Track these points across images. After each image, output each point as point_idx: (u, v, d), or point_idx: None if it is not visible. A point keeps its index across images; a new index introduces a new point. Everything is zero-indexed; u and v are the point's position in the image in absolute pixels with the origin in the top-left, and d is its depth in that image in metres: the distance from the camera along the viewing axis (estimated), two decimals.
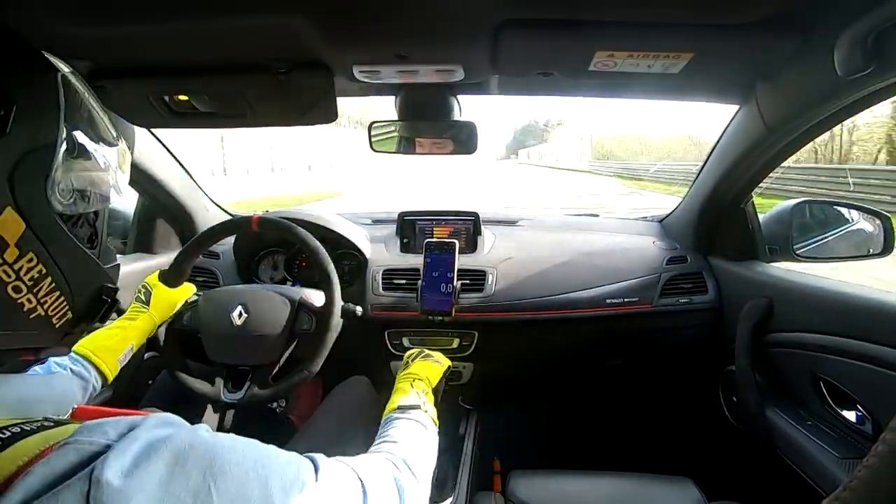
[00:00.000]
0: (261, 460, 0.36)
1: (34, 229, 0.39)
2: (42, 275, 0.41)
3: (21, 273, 0.39)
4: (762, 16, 0.64)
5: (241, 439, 0.38)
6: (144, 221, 1.38)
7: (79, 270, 0.46)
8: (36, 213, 0.39)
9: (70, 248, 0.44)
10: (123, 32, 0.69)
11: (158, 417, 0.35)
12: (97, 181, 0.46)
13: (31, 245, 0.39)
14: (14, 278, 0.38)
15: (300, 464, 0.40)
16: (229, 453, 0.34)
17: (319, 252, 0.90)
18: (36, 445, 0.29)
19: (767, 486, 1.16)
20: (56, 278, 0.42)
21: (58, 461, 0.28)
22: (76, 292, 0.46)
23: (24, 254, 0.39)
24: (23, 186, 0.38)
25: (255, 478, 0.35)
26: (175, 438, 0.33)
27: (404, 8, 0.63)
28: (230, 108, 0.91)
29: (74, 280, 0.45)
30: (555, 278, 1.30)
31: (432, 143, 1.06)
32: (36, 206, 0.39)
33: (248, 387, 0.91)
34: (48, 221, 0.41)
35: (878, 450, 0.31)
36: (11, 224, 0.37)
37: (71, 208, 0.43)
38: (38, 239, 0.40)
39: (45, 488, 0.26)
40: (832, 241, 1.23)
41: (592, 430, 1.72)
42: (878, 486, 0.31)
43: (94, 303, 0.49)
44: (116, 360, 0.76)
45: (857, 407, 0.91)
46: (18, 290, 0.39)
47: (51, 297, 0.42)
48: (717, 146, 1.19)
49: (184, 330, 0.94)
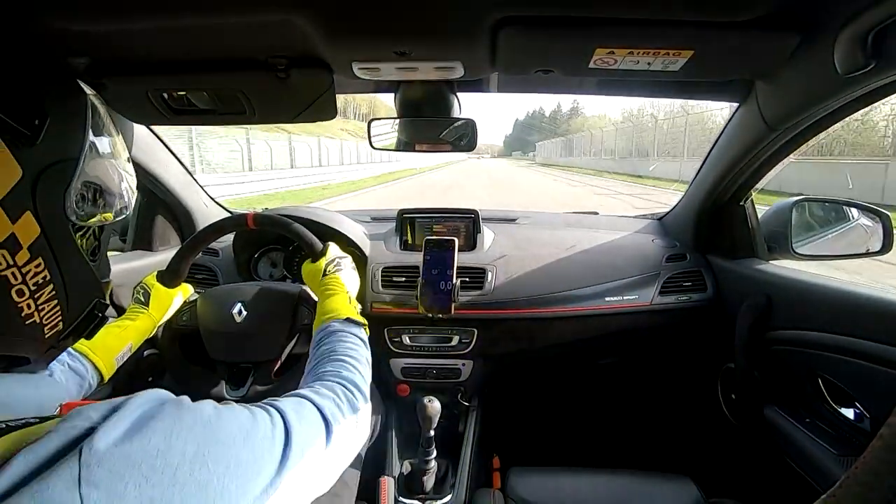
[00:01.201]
0: (244, 425, 0.39)
1: (47, 236, 0.41)
2: (45, 281, 0.42)
3: (27, 277, 0.40)
4: (762, 13, 0.64)
5: (221, 406, 0.40)
6: (144, 219, 1.37)
7: (78, 281, 0.47)
8: (51, 221, 0.41)
9: (75, 259, 0.46)
10: (123, 29, 0.68)
11: (145, 394, 0.36)
12: (109, 195, 0.49)
13: (42, 251, 0.41)
14: (20, 281, 0.40)
15: (275, 420, 0.43)
16: (217, 421, 0.37)
17: (316, 246, 0.90)
18: (21, 439, 0.29)
19: (766, 484, 1.17)
20: (57, 287, 0.44)
21: (41, 448, 0.28)
22: (72, 303, 0.47)
23: (33, 258, 0.40)
24: (44, 195, 0.40)
25: (242, 440, 0.38)
26: (167, 409, 0.34)
27: (404, 5, 0.63)
28: (229, 105, 0.90)
29: (73, 291, 0.46)
30: (554, 276, 1.30)
31: (431, 140, 1.06)
32: (53, 214, 0.41)
33: (250, 384, 0.91)
34: (61, 230, 0.43)
35: (875, 446, 0.31)
36: (28, 228, 0.39)
37: (83, 220, 0.45)
38: (49, 246, 0.42)
39: (31, 474, 0.26)
40: (831, 238, 1.23)
41: (592, 428, 1.73)
42: (874, 482, 0.31)
43: (84, 316, 0.50)
44: (114, 359, 0.75)
45: (855, 404, 0.91)
46: (21, 293, 0.40)
47: (48, 304, 0.43)
48: (717, 144, 1.19)
49: (184, 329, 0.94)
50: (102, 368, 0.72)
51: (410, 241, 1.42)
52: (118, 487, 0.28)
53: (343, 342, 0.68)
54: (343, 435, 0.52)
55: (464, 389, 1.34)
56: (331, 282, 0.84)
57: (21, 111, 0.38)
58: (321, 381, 0.58)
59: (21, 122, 0.37)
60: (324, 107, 0.89)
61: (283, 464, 0.41)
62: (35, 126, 0.39)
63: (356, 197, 13.79)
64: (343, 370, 0.61)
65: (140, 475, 0.29)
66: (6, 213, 0.37)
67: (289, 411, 0.46)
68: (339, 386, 0.57)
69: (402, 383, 1.34)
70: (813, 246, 1.21)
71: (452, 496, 1.13)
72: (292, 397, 0.51)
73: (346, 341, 0.69)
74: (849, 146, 14.04)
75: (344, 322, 0.74)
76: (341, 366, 0.62)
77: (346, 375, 0.60)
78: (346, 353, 0.65)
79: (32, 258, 0.40)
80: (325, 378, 0.59)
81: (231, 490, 0.34)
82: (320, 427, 0.49)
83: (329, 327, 0.72)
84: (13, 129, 0.37)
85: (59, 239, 0.43)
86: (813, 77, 0.78)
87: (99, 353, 0.72)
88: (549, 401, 1.80)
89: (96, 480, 0.28)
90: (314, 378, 0.60)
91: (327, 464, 0.49)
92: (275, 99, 0.89)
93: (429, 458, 1.11)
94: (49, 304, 0.43)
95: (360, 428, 0.57)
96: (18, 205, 0.38)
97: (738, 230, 1.27)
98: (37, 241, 0.40)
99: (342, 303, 0.79)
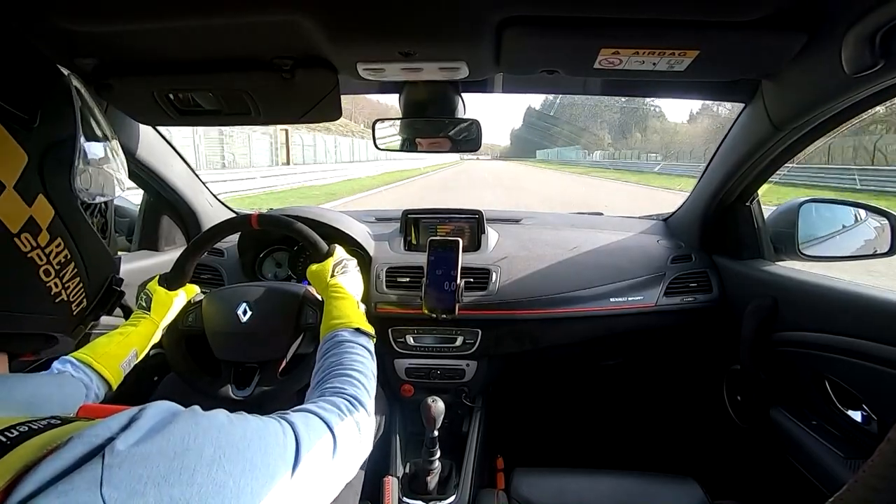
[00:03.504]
0: (258, 431, 0.40)
1: (61, 216, 0.42)
2: (67, 259, 0.44)
3: (51, 257, 0.42)
4: (769, 13, 0.64)
5: (233, 415, 0.41)
6: (149, 219, 1.38)
7: (95, 258, 0.49)
8: (63, 201, 0.42)
9: (89, 236, 0.47)
10: (129, 30, 0.69)
11: (159, 404, 0.37)
12: (108, 173, 0.50)
13: (59, 231, 0.42)
14: (45, 262, 0.41)
15: (286, 430, 0.44)
16: (231, 427, 0.38)
17: (319, 245, 0.91)
18: (44, 444, 0.29)
19: (771, 486, 1.16)
20: (78, 264, 0.45)
21: (67, 454, 0.29)
22: (92, 279, 0.49)
23: (53, 239, 0.42)
24: (51, 175, 0.41)
25: (257, 447, 0.39)
26: (181, 417, 0.35)
27: (409, 6, 0.63)
28: (235, 106, 0.91)
29: (91, 267, 0.48)
30: (558, 276, 1.30)
31: (436, 140, 1.06)
32: (62, 193, 0.42)
33: (256, 384, 0.92)
34: (72, 209, 0.44)
35: (883, 449, 0.31)
36: (43, 210, 0.40)
37: (90, 197, 0.47)
38: (65, 225, 0.43)
39: (55, 478, 0.27)
40: (838, 240, 1.22)
41: (596, 429, 1.72)
42: (882, 486, 0.30)
43: (104, 292, 0.52)
44: (119, 366, 0.75)
45: (862, 406, 0.90)
46: (48, 273, 0.42)
47: (73, 282, 0.45)
48: (723, 144, 1.19)
49: (189, 331, 0.95)
50: (109, 377, 0.72)
51: (415, 242, 1.43)
52: (138, 488, 0.29)
53: (350, 354, 0.69)
54: (348, 447, 0.53)
55: (468, 390, 1.34)
56: (337, 284, 0.84)
57: (16, 95, 0.38)
58: (327, 396, 0.59)
59: (18, 106, 0.38)
60: (328, 107, 0.90)
61: (295, 470, 0.42)
62: (31, 109, 0.39)
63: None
64: (349, 387, 0.62)
65: (159, 476, 0.30)
66: (22, 197, 0.38)
67: (298, 422, 0.47)
68: (344, 402, 0.58)
69: (406, 384, 1.34)
70: (820, 247, 1.20)
71: (456, 496, 1.13)
72: (300, 411, 0.52)
73: (354, 353, 0.69)
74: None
75: (353, 333, 0.74)
76: (347, 381, 0.63)
77: (352, 392, 0.61)
78: (353, 367, 0.66)
79: (52, 239, 0.41)
80: (332, 394, 0.60)
81: (246, 492, 0.35)
82: (328, 438, 0.50)
83: (337, 336, 0.72)
84: (11, 114, 0.37)
85: (73, 218, 0.44)
86: (820, 77, 0.78)
87: (103, 362, 0.72)
88: (553, 401, 1.79)
89: (117, 481, 0.28)
90: (320, 393, 0.61)
91: (333, 474, 0.50)
92: (280, 99, 0.89)
93: (433, 459, 1.11)
94: (73, 281, 0.45)
95: (364, 442, 0.58)
96: (31, 188, 0.39)
97: (744, 231, 1.26)
98: (53, 221, 0.41)
99: (351, 309, 0.79)
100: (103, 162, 0.49)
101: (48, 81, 0.44)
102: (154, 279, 0.92)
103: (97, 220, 0.50)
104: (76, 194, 0.44)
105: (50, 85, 0.44)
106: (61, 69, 0.46)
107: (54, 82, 0.45)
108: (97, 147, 0.48)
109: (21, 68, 0.41)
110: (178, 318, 0.93)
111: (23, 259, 0.39)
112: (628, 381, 1.72)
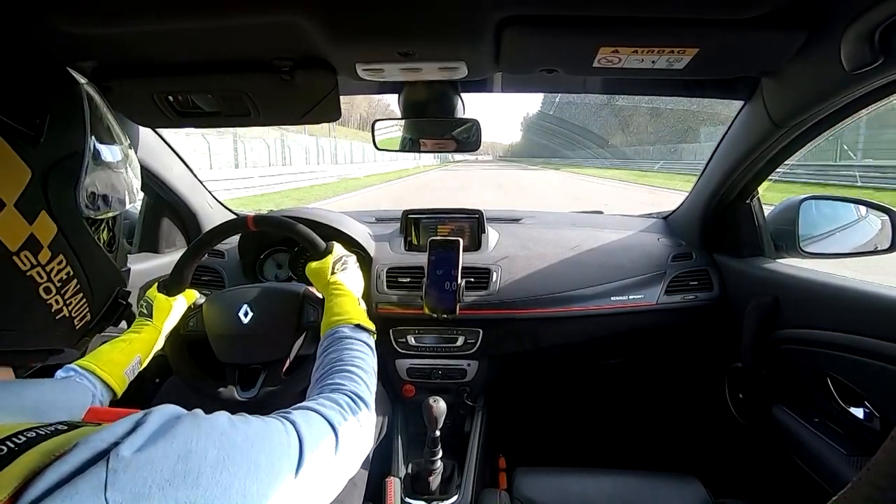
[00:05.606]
0: (261, 432, 0.41)
1: (65, 232, 0.41)
2: (69, 276, 0.43)
3: (52, 274, 0.41)
4: (768, 10, 0.64)
5: (235, 417, 0.41)
6: (150, 221, 1.39)
7: (100, 273, 0.48)
8: (66, 217, 0.41)
9: (94, 252, 0.46)
10: (128, 32, 0.69)
11: (162, 409, 0.37)
12: (117, 186, 0.49)
13: (62, 248, 0.41)
14: (46, 279, 0.40)
15: (288, 429, 0.45)
16: (233, 428, 0.38)
17: (317, 243, 0.90)
18: (51, 450, 0.29)
19: (774, 484, 1.16)
20: (81, 280, 0.44)
21: (72, 459, 0.29)
22: (96, 295, 0.48)
23: (55, 256, 0.41)
24: (55, 192, 0.40)
25: (261, 448, 0.39)
26: (184, 421, 0.36)
27: (407, 6, 0.63)
28: (234, 107, 0.91)
29: (96, 282, 0.47)
30: (559, 276, 1.30)
31: (435, 140, 1.06)
32: (66, 210, 0.41)
33: (260, 384, 0.92)
34: (77, 225, 0.43)
35: (887, 447, 0.31)
36: (45, 227, 0.39)
37: (96, 212, 0.46)
38: (68, 242, 0.42)
39: (61, 483, 0.27)
40: (839, 237, 1.22)
41: (598, 428, 1.72)
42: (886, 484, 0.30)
43: (110, 306, 0.51)
44: (123, 373, 0.75)
45: (864, 403, 0.90)
46: (49, 290, 0.41)
47: (75, 298, 0.44)
48: (723, 142, 1.19)
49: (191, 335, 0.95)
50: (113, 384, 0.72)
51: (415, 242, 1.42)
52: (143, 491, 0.29)
53: (350, 350, 0.69)
54: (349, 444, 0.53)
55: (469, 390, 1.34)
56: (338, 281, 0.84)
57: (21, 111, 0.37)
58: (328, 393, 0.59)
59: (22, 121, 0.37)
60: (328, 108, 0.90)
61: (299, 468, 0.42)
62: (36, 125, 0.38)
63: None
64: (350, 383, 0.62)
65: (164, 479, 0.31)
66: (23, 215, 0.37)
67: (299, 420, 0.47)
68: (344, 397, 0.58)
69: (407, 384, 1.34)
70: (820, 244, 1.20)
71: (458, 496, 1.13)
72: (301, 409, 0.52)
73: (354, 349, 0.69)
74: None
75: (354, 329, 0.74)
76: (347, 377, 0.63)
77: (352, 388, 0.61)
78: (353, 363, 0.66)
79: (54, 256, 0.40)
80: (332, 391, 0.60)
81: (252, 493, 0.35)
82: (330, 435, 0.50)
83: (337, 333, 0.73)
84: (15, 129, 0.36)
85: (77, 234, 0.43)
86: (819, 74, 0.77)
87: (106, 369, 0.72)
88: (554, 401, 1.79)
89: (121, 486, 0.29)
90: (320, 390, 0.61)
91: (336, 470, 0.50)
92: (279, 100, 0.89)
93: (435, 459, 1.11)
94: (75, 297, 0.44)
95: (365, 438, 0.58)
96: (33, 205, 0.38)
97: (744, 228, 1.26)
98: (55, 238, 0.40)
99: (352, 305, 0.79)
100: (113, 175, 0.48)
101: (58, 91, 0.43)
102: (153, 286, 0.92)
103: (104, 234, 0.49)
104: (81, 210, 0.43)
105: (59, 95, 0.42)
106: (77, 76, 0.45)
107: (64, 91, 0.43)
108: (108, 157, 0.47)
109: (28, 78, 0.40)
110: (179, 324, 0.93)
111: (22, 277, 0.38)
112: (630, 379, 1.72)
